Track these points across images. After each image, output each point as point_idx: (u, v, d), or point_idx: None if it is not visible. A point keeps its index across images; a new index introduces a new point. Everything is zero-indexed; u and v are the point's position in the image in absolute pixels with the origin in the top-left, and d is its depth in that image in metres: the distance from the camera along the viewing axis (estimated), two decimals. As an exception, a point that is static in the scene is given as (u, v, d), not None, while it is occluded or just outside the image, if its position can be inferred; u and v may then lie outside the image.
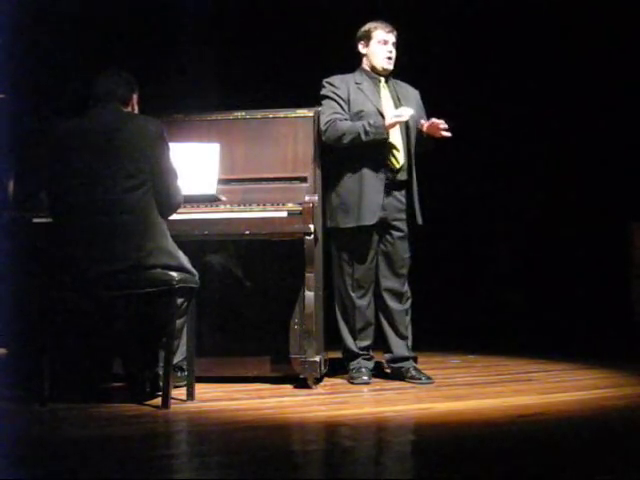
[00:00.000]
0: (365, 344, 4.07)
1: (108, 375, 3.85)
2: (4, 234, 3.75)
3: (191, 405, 3.38)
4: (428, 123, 4.04)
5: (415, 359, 4.12)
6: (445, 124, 3.99)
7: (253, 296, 4.00)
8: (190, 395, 3.43)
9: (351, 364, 4.06)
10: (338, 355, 4.22)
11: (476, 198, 6.40)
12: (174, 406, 3.29)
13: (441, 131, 3.99)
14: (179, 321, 3.44)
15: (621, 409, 3.37)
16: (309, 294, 3.80)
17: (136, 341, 3.59)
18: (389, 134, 3.98)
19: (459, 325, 6.03)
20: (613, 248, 5.96)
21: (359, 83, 4.11)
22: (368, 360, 4.08)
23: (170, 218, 3.47)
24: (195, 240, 3.80)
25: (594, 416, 3.21)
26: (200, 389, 3.56)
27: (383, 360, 4.21)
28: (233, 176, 4.03)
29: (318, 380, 3.92)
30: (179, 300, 3.35)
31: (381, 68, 4.12)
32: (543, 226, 6.31)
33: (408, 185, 4.09)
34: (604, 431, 2.94)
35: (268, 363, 3.97)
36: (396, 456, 2.63)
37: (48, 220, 3.55)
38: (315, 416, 3.23)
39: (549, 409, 3.32)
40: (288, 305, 3.99)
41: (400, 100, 4.12)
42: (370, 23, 4.15)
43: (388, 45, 4.11)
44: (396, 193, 4.06)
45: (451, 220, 6.20)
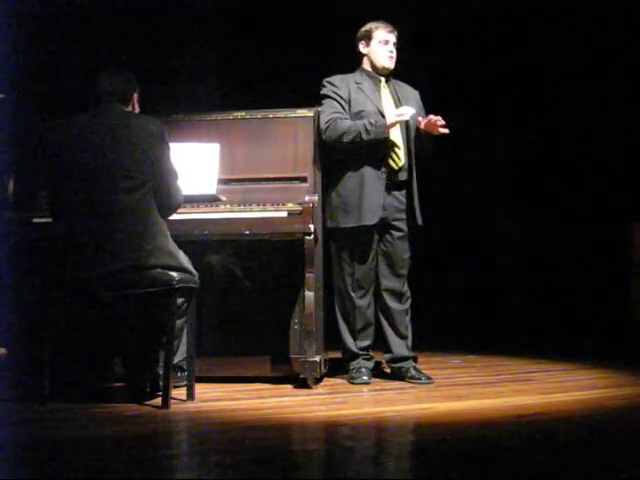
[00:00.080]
0: (365, 344, 4.07)
1: (108, 375, 3.85)
2: (4, 234, 3.75)
3: (191, 405, 3.38)
4: (425, 120, 4.03)
5: (415, 359, 4.12)
6: (442, 120, 3.99)
7: (253, 296, 4.00)
8: (190, 395, 3.43)
9: (351, 364, 4.06)
10: (338, 355, 4.21)
11: (476, 198, 6.40)
12: (174, 406, 3.29)
13: (439, 128, 3.99)
14: (179, 321, 3.44)
15: (621, 409, 3.37)
16: (309, 294, 3.80)
17: (136, 341, 3.58)
18: (389, 134, 3.98)
19: (459, 325, 6.04)
20: (613, 248, 5.96)
21: (359, 83, 4.11)
22: (368, 360, 4.08)
23: (170, 218, 3.47)
24: (195, 240, 3.81)
25: (594, 416, 3.21)
26: (200, 389, 3.56)
27: (383, 360, 4.21)
28: (233, 176, 4.03)
29: (318, 380, 3.92)
30: (179, 300, 3.35)
31: (382, 67, 4.11)
32: (543, 226, 6.30)
33: (408, 185, 4.09)
34: (604, 431, 2.94)
35: (268, 363, 3.97)
36: (396, 456, 2.62)
37: (48, 220, 3.55)
38: (315, 416, 3.23)
39: (549, 409, 3.32)
40: (288, 305, 3.99)
41: (400, 100, 4.12)
42: (371, 23, 4.15)
43: (389, 45, 4.10)
44: (396, 193, 4.06)
45: (451, 220, 6.20)
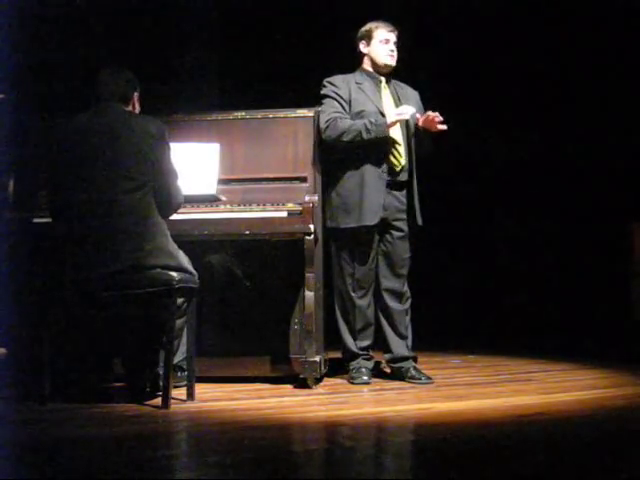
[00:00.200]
0: (365, 344, 4.07)
1: (108, 375, 3.84)
2: (4, 234, 3.75)
3: (191, 405, 3.38)
4: (424, 117, 4.03)
5: (415, 359, 4.11)
6: (440, 117, 3.99)
7: (253, 296, 4.00)
8: (190, 395, 3.43)
9: (351, 364, 4.06)
10: (338, 355, 4.21)
11: (476, 198, 6.40)
12: (174, 406, 3.29)
13: (437, 124, 3.99)
14: (179, 321, 3.44)
15: (621, 409, 3.37)
16: (309, 294, 3.80)
17: (136, 341, 3.58)
18: (390, 132, 3.97)
19: (459, 325, 6.03)
20: (613, 248, 5.96)
21: (360, 83, 4.10)
22: (368, 360, 4.08)
23: (170, 218, 3.47)
24: (195, 240, 3.81)
25: (594, 416, 3.20)
26: (200, 389, 3.56)
27: (383, 360, 4.21)
28: (233, 176, 4.03)
29: (318, 380, 3.92)
30: (179, 300, 3.35)
31: (384, 64, 4.10)
32: (543, 226, 6.30)
33: (409, 185, 4.08)
34: (604, 431, 2.94)
35: (268, 363, 3.97)
36: (396, 456, 2.62)
37: (48, 220, 3.55)
38: (315, 416, 3.23)
39: (549, 409, 3.32)
40: (288, 305, 3.99)
41: (400, 100, 4.12)
42: (371, 23, 4.15)
43: (390, 44, 4.10)
44: (397, 193, 4.06)
45: (451, 220, 6.20)
